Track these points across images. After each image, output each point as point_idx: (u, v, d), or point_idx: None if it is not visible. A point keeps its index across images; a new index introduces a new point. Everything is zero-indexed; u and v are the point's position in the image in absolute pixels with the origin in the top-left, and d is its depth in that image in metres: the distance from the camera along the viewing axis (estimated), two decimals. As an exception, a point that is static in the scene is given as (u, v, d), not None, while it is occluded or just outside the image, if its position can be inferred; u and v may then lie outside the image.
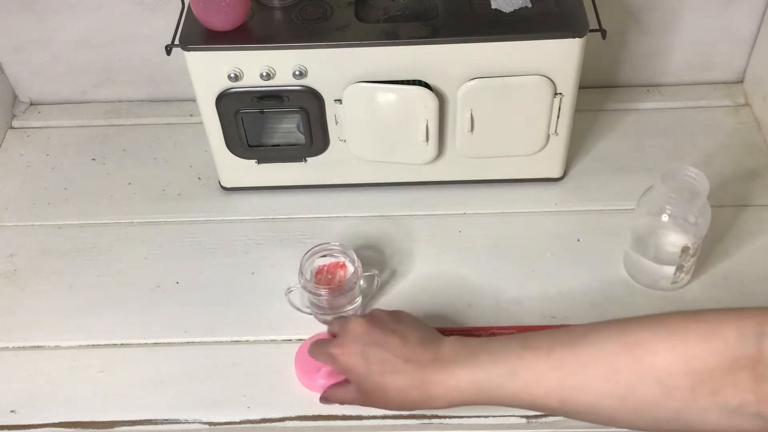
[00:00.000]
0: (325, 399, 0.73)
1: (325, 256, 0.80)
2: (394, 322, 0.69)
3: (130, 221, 0.92)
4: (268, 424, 0.74)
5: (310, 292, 0.78)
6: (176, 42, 0.80)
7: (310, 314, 0.81)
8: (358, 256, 0.79)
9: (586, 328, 0.60)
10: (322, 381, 0.73)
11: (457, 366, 0.63)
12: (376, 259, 0.86)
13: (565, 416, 0.61)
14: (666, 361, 0.54)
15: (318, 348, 0.71)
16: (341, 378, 0.71)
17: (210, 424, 0.75)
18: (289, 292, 0.81)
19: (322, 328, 0.80)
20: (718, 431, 0.54)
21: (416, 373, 0.64)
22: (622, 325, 0.58)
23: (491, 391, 0.61)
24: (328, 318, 0.80)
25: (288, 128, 0.89)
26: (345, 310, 0.80)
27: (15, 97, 1.08)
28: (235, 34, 0.79)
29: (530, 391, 0.59)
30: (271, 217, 0.92)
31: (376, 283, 0.82)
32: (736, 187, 0.91)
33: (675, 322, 0.56)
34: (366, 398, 0.68)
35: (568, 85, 0.82)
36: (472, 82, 0.80)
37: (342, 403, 0.72)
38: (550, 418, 0.73)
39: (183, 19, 0.81)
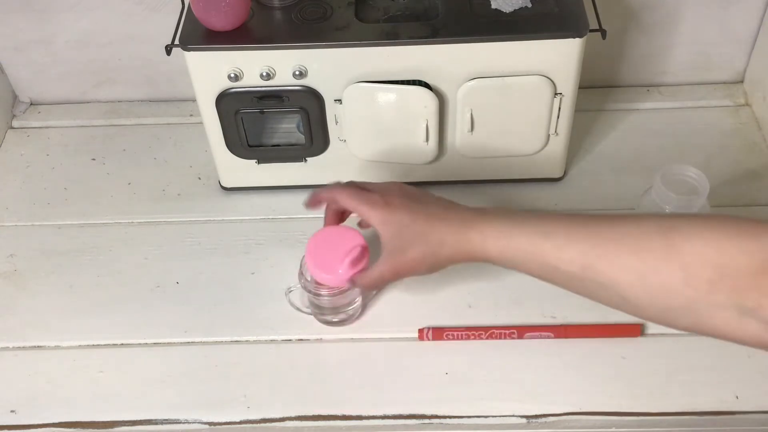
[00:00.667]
0: (354, 285, 0.73)
1: None
2: None
3: (130, 221, 0.92)
4: (268, 424, 0.74)
5: (310, 292, 0.78)
6: (176, 42, 0.80)
7: (310, 314, 0.81)
8: None
9: (629, 214, 0.61)
10: (342, 271, 0.73)
11: (496, 218, 0.65)
12: (376, 260, 0.86)
13: (579, 290, 0.61)
14: (696, 249, 0.54)
15: (347, 190, 0.71)
16: (361, 264, 0.73)
17: (210, 424, 0.75)
18: (289, 291, 0.81)
19: (322, 328, 0.81)
20: (725, 331, 0.55)
21: (459, 219, 0.67)
22: (665, 214, 0.59)
23: (521, 246, 0.63)
24: (328, 318, 0.80)
25: (288, 128, 0.89)
26: (345, 310, 0.80)
27: (15, 97, 1.08)
28: (235, 34, 0.79)
29: (558, 252, 0.60)
30: (271, 217, 0.92)
31: None
32: (736, 187, 0.91)
33: (716, 217, 0.56)
34: (399, 252, 0.68)
35: (568, 85, 0.82)
36: (472, 82, 0.80)
37: (373, 283, 0.72)
38: (551, 419, 0.73)
39: (183, 19, 0.81)
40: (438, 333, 0.79)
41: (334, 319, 0.80)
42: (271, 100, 0.83)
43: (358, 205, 0.70)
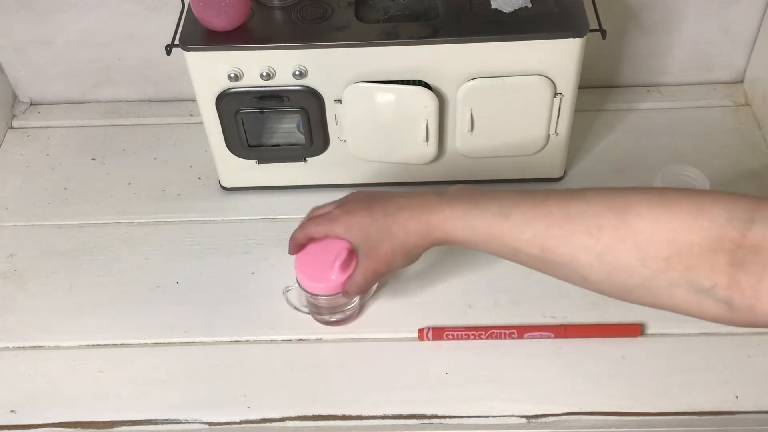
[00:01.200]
0: (346, 294, 0.74)
1: None
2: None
3: (130, 221, 0.92)
4: (268, 424, 0.74)
5: (308, 292, 0.78)
6: (176, 42, 0.80)
7: (308, 314, 0.81)
8: None
9: (585, 189, 0.61)
10: (335, 277, 0.73)
11: (457, 200, 0.65)
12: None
13: (541, 269, 0.62)
14: (649, 227, 0.54)
15: (312, 222, 0.73)
16: (351, 267, 0.73)
17: (210, 424, 0.75)
18: (287, 291, 0.81)
19: (322, 328, 0.81)
20: (683, 308, 0.55)
21: (418, 205, 0.67)
22: (618, 189, 0.59)
23: (481, 228, 0.63)
24: (326, 318, 0.80)
25: (288, 128, 0.89)
26: (343, 310, 0.80)
27: (15, 97, 1.08)
28: (235, 34, 0.79)
29: (516, 234, 0.61)
30: (271, 217, 0.92)
31: (372, 287, 0.82)
32: (736, 187, 0.91)
33: (670, 193, 0.56)
34: (372, 253, 0.69)
35: (568, 85, 0.82)
36: (472, 82, 0.80)
37: (360, 288, 0.73)
38: (551, 419, 0.73)
39: (183, 19, 0.81)
40: (438, 333, 0.79)
41: (332, 319, 0.81)
42: (271, 100, 0.83)
43: (324, 229, 0.73)
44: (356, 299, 0.80)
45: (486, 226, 0.62)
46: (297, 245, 0.76)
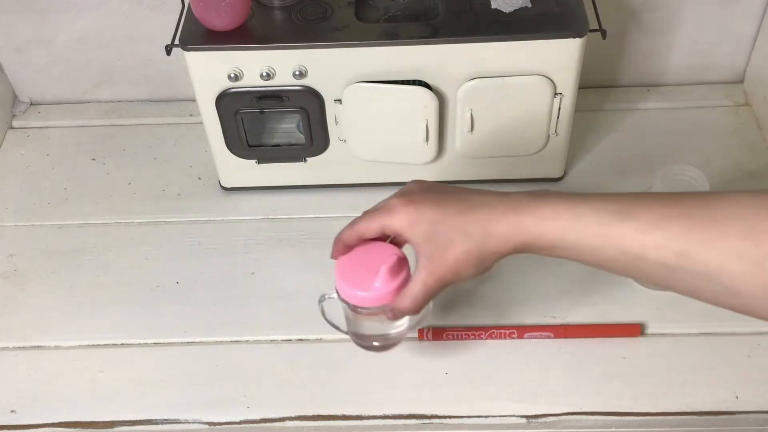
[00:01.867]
0: (396, 310, 0.63)
1: None
2: None
3: (130, 221, 0.92)
4: (268, 424, 0.74)
5: (346, 302, 0.66)
6: (176, 42, 0.80)
7: (346, 333, 0.73)
8: None
9: (719, 191, 0.52)
10: (379, 284, 0.62)
11: (553, 197, 0.55)
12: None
13: (667, 282, 0.52)
14: None
15: (364, 217, 0.61)
16: (400, 276, 0.63)
17: (210, 424, 0.75)
18: (323, 300, 0.71)
19: (322, 328, 0.81)
20: None
21: (501, 203, 0.56)
22: (765, 191, 0.50)
23: (593, 229, 0.52)
24: (368, 343, 0.72)
25: (288, 128, 0.89)
26: (388, 333, 0.71)
27: (15, 97, 1.08)
28: (235, 34, 0.79)
29: (644, 237, 0.51)
30: (271, 217, 0.92)
31: (429, 305, 0.68)
32: (736, 187, 0.91)
33: None
34: (438, 256, 0.58)
35: (568, 85, 0.82)
36: (472, 82, 0.80)
37: (416, 300, 0.61)
38: (551, 418, 0.73)
39: (183, 19, 0.81)
40: (438, 333, 0.79)
41: (375, 343, 0.72)
42: (271, 100, 0.83)
43: (379, 223, 0.60)
44: (406, 319, 0.68)
45: (599, 227, 0.52)
46: (343, 247, 0.64)
